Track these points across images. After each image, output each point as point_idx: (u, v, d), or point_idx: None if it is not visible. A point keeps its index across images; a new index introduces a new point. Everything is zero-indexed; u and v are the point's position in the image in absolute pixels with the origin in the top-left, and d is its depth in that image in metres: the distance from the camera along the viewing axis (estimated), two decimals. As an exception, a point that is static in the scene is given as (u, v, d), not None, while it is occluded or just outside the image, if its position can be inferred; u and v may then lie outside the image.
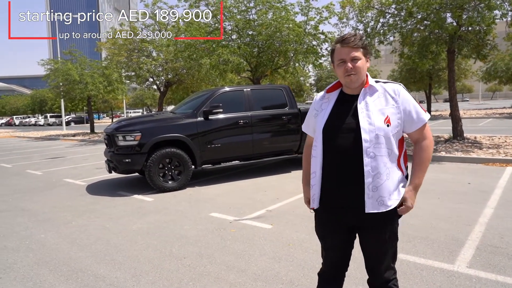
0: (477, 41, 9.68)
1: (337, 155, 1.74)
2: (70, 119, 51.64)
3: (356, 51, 1.70)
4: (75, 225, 4.67)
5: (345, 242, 1.89)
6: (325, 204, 1.84)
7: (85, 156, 12.22)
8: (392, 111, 1.71)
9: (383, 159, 1.68)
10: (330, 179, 1.78)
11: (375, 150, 1.67)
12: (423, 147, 1.79)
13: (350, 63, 1.70)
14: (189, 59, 13.12)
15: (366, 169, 1.67)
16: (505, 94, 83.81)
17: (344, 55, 1.71)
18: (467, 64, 28.28)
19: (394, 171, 1.72)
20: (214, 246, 3.72)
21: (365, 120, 1.69)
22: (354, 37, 1.70)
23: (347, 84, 1.76)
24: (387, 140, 1.68)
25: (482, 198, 5.04)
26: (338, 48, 1.74)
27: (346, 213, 1.78)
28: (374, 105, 1.72)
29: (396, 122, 1.71)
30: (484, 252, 3.28)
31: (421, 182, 1.79)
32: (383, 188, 1.69)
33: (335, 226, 1.85)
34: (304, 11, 12.22)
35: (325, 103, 1.87)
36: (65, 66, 19.59)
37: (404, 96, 1.75)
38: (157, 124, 6.52)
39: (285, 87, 7.83)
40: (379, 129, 1.67)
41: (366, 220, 1.74)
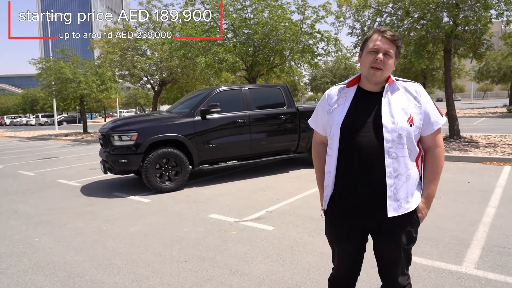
0: (473, 41, 9.70)
1: (356, 154, 1.64)
2: (62, 118, 51.01)
3: (392, 46, 1.63)
4: (71, 227, 4.53)
5: (358, 247, 1.81)
6: (339, 206, 1.74)
7: (78, 156, 12.03)
8: (415, 111, 1.63)
9: (405, 160, 1.60)
10: (347, 180, 1.69)
11: (397, 150, 1.59)
12: (437, 155, 1.71)
13: (382, 54, 1.61)
14: (184, 57, 12.98)
15: (388, 170, 1.59)
16: (496, 93, 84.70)
17: (380, 45, 1.62)
18: (461, 64, 28.50)
19: (413, 172, 1.65)
20: (216, 249, 3.62)
21: (388, 119, 1.60)
22: (395, 33, 1.64)
23: (369, 77, 1.66)
24: (408, 140, 1.61)
25: (483, 198, 5.01)
26: (376, 36, 1.64)
27: (363, 217, 1.69)
28: (397, 104, 1.63)
29: (418, 123, 1.63)
30: (491, 253, 3.23)
31: (434, 193, 1.72)
32: (402, 190, 1.62)
33: (349, 230, 1.76)
34: (300, 10, 12.16)
35: (342, 98, 1.75)
36: (57, 64, 19.30)
37: (426, 96, 1.67)
38: (153, 124, 6.40)
39: (283, 86, 7.74)
40: (402, 129, 1.59)
41: (383, 224, 1.66)
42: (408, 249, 1.73)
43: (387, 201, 1.60)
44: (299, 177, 6.98)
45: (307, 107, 8.04)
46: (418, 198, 1.70)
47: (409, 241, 1.70)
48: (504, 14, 9.36)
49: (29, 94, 54.14)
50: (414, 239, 1.72)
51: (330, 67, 37.61)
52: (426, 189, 1.71)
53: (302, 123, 7.59)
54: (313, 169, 2.07)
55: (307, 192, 5.74)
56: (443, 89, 35.97)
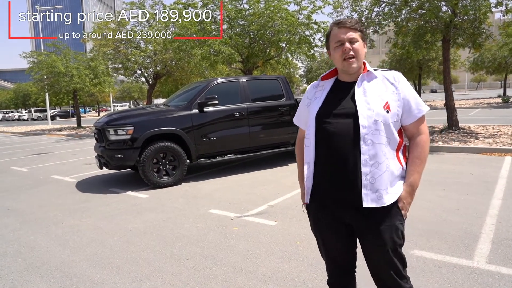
0: (472, 30, 9.58)
1: (332, 142, 1.59)
2: (55, 113, 50.37)
3: (354, 32, 1.60)
4: (67, 225, 4.39)
5: (346, 240, 1.71)
6: (318, 198, 1.68)
7: (73, 152, 11.82)
8: (392, 97, 1.59)
9: (382, 148, 1.54)
10: (324, 169, 1.63)
11: (373, 137, 1.53)
12: (420, 143, 1.64)
13: (348, 43, 1.59)
14: (179, 50, 12.75)
15: (364, 158, 1.53)
16: (489, 84, 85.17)
17: (342, 36, 1.60)
18: (456, 54, 28.46)
19: (393, 163, 1.58)
20: (218, 246, 3.51)
21: (364, 105, 1.56)
22: (351, 19, 1.62)
23: (345, 69, 1.62)
24: (386, 127, 1.55)
25: (487, 189, 4.94)
26: (335, 30, 1.63)
27: (342, 207, 1.62)
28: (373, 91, 1.60)
29: (396, 110, 1.59)
30: (501, 246, 3.16)
31: (418, 182, 1.63)
32: (381, 179, 1.54)
33: (332, 223, 1.68)
34: (296, 0, 11.97)
35: (319, 91, 1.74)
36: (49, 58, 18.91)
37: (404, 83, 1.63)
38: (150, 117, 6.23)
39: (281, 77, 7.60)
40: (378, 115, 1.54)
41: (363, 218, 1.58)
42: (397, 247, 1.61)
43: (362, 190, 1.53)
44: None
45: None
46: (400, 189, 1.61)
47: (396, 237, 1.59)
48: (504, 3, 9.25)
49: (21, 88, 53.36)
50: (400, 235, 1.61)
51: (326, 59, 37.39)
52: (408, 176, 1.62)
53: (301, 115, 7.46)
54: None
55: (308, 186, 5.62)
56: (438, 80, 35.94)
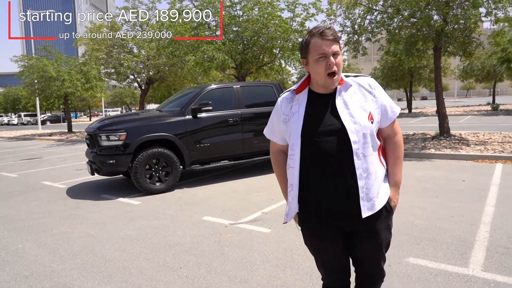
0: (463, 39, 9.74)
1: (321, 161, 1.57)
2: (45, 118, 49.71)
3: (336, 45, 1.55)
4: (56, 233, 4.30)
5: (343, 248, 1.73)
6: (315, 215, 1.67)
7: (63, 157, 11.66)
8: (373, 106, 1.60)
9: (371, 158, 1.58)
10: (315, 189, 1.61)
11: (364, 150, 1.55)
12: (397, 143, 1.71)
13: (332, 57, 1.52)
14: (172, 55, 12.72)
15: (358, 172, 1.54)
16: (478, 92, 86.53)
17: (326, 50, 1.51)
18: (446, 62, 28.87)
19: (379, 168, 1.63)
20: (212, 254, 3.46)
21: (349, 120, 1.54)
22: (331, 30, 1.54)
23: (327, 85, 1.57)
24: (372, 137, 1.58)
25: (480, 196, 4.97)
26: (317, 41, 1.53)
27: (341, 220, 1.64)
28: (353, 102, 1.58)
29: (377, 118, 1.61)
30: (496, 254, 3.16)
31: (401, 179, 1.73)
32: (373, 188, 1.59)
33: (331, 234, 1.68)
34: (290, 8, 12.05)
35: (295, 105, 1.66)
36: (40, 62, 18.72)
37: (379, 89, 1.65)
38: (143, 123, 6.17)
39: (275, 84, 7.60)
40: (365, 128, 1.54)
41: (361, 225, 1.62)
42: (389, 242, 1.74)
43: (360, 202, 1.56)
44: (293, 177, 6.85)
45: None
46: (387, 189, 1.68)
47: (388, 234, 1.71)
48: (493, 12, 9.42)
49: (11, 92, 52.66)
50: (390, 231, 1.73)
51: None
52: (392, 176, 1.70)
53: (295, 121, 7.47)
54: None
55: (302, 192, 5.60)
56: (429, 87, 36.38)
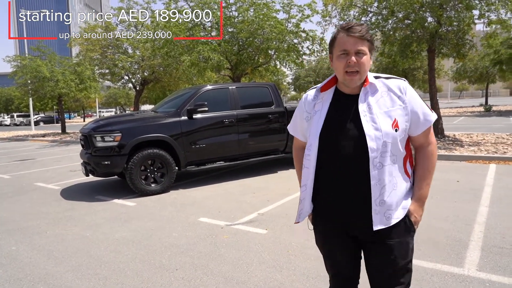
0: (456, 41, 9.83)
1: (336, 166, 1.51)
2: (39, 118, 49.29)
3: (363, 44, 1.46)
4: (51, 234, 4.26)
5: (354, 253, 1.68)
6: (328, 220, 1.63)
7: (57, 158, 11.56)
8: (400, 112, 1.48)
9: (390, 169, 1.46)
10: (328, 194, 1.57)
11: (382, 159, 1.44)
12: (428, 154, 1.57)
13: (354, 56, 1.45)
14: (167, 56, 12.69)
15: (373, 183, 1.44)
16: (471, 93, 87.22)
17: (349, 46, 1.45)
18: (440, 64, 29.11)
19: (400, 180, 1.51)
20: (208, 255, 3.45)
21: (370, 126, 1.45)
22: (361, 27, 1.46)
23: (346, 82, 1.51)
24: (394, 146, 1.46)
25: (474, 196, 5.01)
26: (343, 37, 1.47)
27: (353, 229, 1.57)
28: (379, 107, 1.48)
29: (404, 125, 1.48)
30: (490, 254, 3.19)
31: (427, 194, 1.58)
32: (390, 200, 1.48)
33: (339, 238, 1.62)
34: (285, 9, 12.09)
35: (318, 104, 1.60)
36: (34, 62, 18.56)
37: (411, 94, 1.52)
38: (138, 124, 6.14)
39: (271, 85, 7.61)
40: (387, 135, 1.43)
41: (374, 236, 1.52)
42: (407, 262, 1.55)
43: (373, 214, 1.47)
44: (289, 178, 6.86)
45: (296, 106, 7.92)
46: (408, 203, 1.55)
47: (406, 251, 1.54)
48: (486, 15, 9.52)
49: (4, 93, 52.14)
50: (409, 249, 1.55)
51: (313, 67, 37.77)
52: (418, 189, 1.57)
53: (291, 122, 7.48)
54: None
55: (298, 193, 5.59)
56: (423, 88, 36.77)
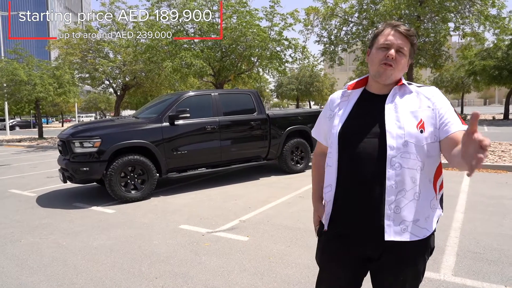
0: (433, 52, 10.18)
1: (355, 165, 1.41)
2: (14, 123, 47.72)
3: (406, 43, 1.43)
4: (25, 243, 4.12)
5: (354, 276, 1.53)
6: (335, 227, 1.50)
7: (33, 164, 11.23)
8: (428, 114, 1.38)
9: (412, 173, 1.34)
10: (344, 196, 1.46)
11: (402, 160, 1.34)
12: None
13: (394, 51, 1.40)
14: (149, 61, 12.59)
15: (389, 184, 1.34)
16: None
17: (392, 40, 1.41)
18: (418, 74, 30.00)
19: (425, 190, 1.38)
20: (189, 263, 3.41)
21: (393, 123, 1.37)
22: (410, 29, 1.45)
23: (379, 74, 1.43)
24: (418, 149, 1.35)
25: (450, 203, 5.14)
26: (388, 31, 1.44)
27: (360, 240, 1.43)
28: (405, 107, 1.40)
29: (431, 129, 1.37)
30: (465, 259, 3.28)
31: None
32: (408, 209, 1.35)
33: (345, 257, 1.49)
34: (268, 17, 12.21)
35: (343, 102, 1.55)
36: (10, 65, 18.04)
37: (441, 98, 1.42)
38: (118, 130, 6.04)
39: (253, 92, 7.65)
40: (410, 135, 1.34)
41: (385, 251, 1.40)
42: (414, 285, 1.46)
43: (385, 221, 1.35)
44: (270, 185, 6.89)
45: (278, 113, 7.99)
46: (432, 222, 1.41)
47: (416, 275, 1.44)
48: (461, 27, 9.91)
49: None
50: (421, 273, 1.46)
51: (295, 74, 38.20)
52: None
53: (273, 129, 7.53)
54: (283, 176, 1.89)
55: (280, 200, 5.64)
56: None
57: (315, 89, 37.83)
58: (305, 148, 8.02)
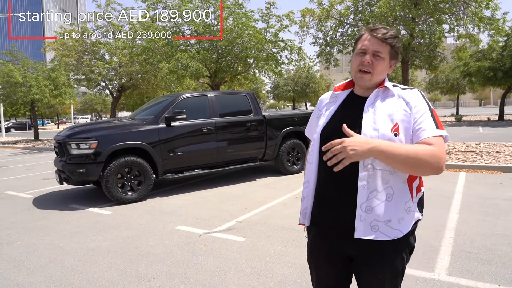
0: (428, 53, 10.24)
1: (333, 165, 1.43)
2: (10, 125, 47.46)
3: (383, 47, 1.44)
4: (22, 245, 4.12)
5: (341, 273, 1.58)
6: (317, 223, 1.57)
7: (29, 166, 11.18)
8: (403, 118, 1.40)
9: (384, 174, 1.38)
10: (322, 192, 1.52)
11: (374, 162, 1.37)
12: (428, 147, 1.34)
13: (370, 56, 1.44)
14: (145, 63, 12.59)
15: (361, 184, 1.39)
16: (443, 103, 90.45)
17: (368, 45, 1.44)
18: (413, 75, 30.15)
19: (398, 193, 1.42)
20: (185, 264, 3.43)
21: (369, 125, 1.41)
22: (388, 31, 1.45)
23: (357, 80, 1.50)
24: None
25: (445, 203, 5.20)
26: (366, 36, 1.47)
27: (340, 238, 1.48)
28: (383, 109, 1.43)
29: (406, 133, 1.39)
30: (460, 258, 3.32)
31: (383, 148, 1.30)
32: (380, 210, 1.39)
33: (329, 254, 1.56)
34: (264, 18, 12.25)
35: (331, 103, 1.61)
36: (5, 67, 17.96)
37: (420, 102, 1.42)
38: (115, 131, 6.05)
39: (249, 93, 7.68)
40: (384, 137, 1.36)
41: (361, 250, 1.45)
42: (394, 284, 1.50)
43: (356, 220, 1.40)
44: (267, 185, 6.91)
45: (274, 114, 8.03)
46: (408, 226, 1.44)
47: (394, 274, 1.47)
48: (455, 29, 9.99)
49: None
50: (400, 272, 1.49)
51: (292, 76, 38.30)
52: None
53: (269, 130, 7.56)
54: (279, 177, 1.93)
55: (276, 201, 5.67)
56: (398, 98, 38.06)
57: (311, 90, 37.94)
58: (301, 149, 8.05)
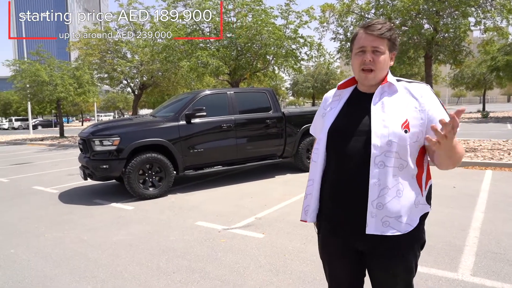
0: (453, 47, 9.93)
1: (342, 162, 1.48)
2: (37, 122, 49.17)
3: (381, 42, 1.43)
4: (49, 238, 4.28)
5: (354, 268, 1.60)
6: (327, 220, 1.58)
7: (55, 162, 11.57)
8: (414, 115, 1.40)
9: (395, 171, 1.39)
10: (331, 191, 1.53)
11: (385, 159, 1.38)
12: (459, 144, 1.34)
13: (370, 54, 1.43)
14: (166, 61, 12.75)
15: (372, 182, 1.39)
16: (469, 99, 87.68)
17: (366, 43, 1.43)
18: (437, 70, 29.34)
19: (408, 189, 1.43)
20: (205, 259, 3.47)
21: (379, 123, 1.40)
22: (382, 25, 1.43)
23: (361, 80, 1.51)
24: (401, 148, 1.39)
25: (470, 202, 5.05)
26: (361, 34, 1.46)
27: (351, 234, 1.50)
28: (392, 106, 1.43)
29: (417, 129, 1.39)
30: (485, 259, 3.22)
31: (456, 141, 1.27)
32: (391, 206, 1.40)
33: (342, 250, 1.57)
34: (283, 15, 12.18)
35: (335, 101, 1.60)
36: (33, 67, 18.61)
37: (430, 98, 1.44)
38: (136, 128, 6.18)
39: (268, 90, 7.67)
40: (394, 134, 1.38)
41: (373, 245, 1.47)
42: (405, 281, 1.51)
43: (367, 217, 1.41)
44: (286, 182, 6.90)
45: (293, 111, 7.99)
46: (416, 218, 1.46)
47: (407, 269, 1.49)
48: (482, 22, 9.64)
49: (2, 97, 52.13)
50: (412, 268, 1.50)
51: (311, 72, 37.99)
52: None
53: (288, 127, 7.53)
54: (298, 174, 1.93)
55: (295, 198, 5.65)
56: (421, 94, 37.16)
57: (331, 86, 37.47)
58: (321, 146, 7.97)
